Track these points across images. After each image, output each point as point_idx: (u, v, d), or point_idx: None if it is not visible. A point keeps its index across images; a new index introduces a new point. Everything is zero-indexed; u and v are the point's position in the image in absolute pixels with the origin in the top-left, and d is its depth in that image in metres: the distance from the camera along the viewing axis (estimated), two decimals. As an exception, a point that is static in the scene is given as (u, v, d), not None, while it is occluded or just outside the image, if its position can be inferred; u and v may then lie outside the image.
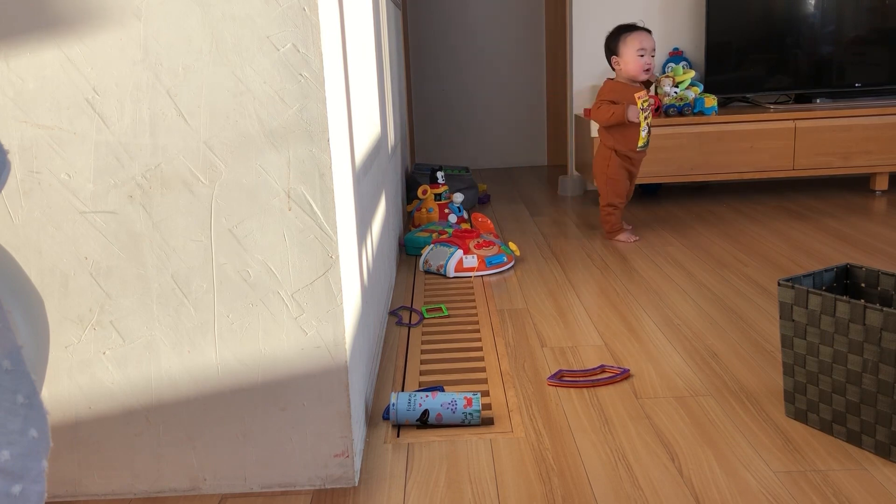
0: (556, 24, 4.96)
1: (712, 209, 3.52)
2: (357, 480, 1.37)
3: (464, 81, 5.21)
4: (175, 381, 1.31)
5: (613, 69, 2.97)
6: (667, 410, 1.59)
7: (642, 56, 2.86)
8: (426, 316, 2.23)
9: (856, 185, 3.89)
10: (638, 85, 2.92)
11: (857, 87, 3.80)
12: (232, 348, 1.29)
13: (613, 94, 2.92)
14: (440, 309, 2.29)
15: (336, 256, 1.27)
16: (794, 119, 3.54)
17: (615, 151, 2.96)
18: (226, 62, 1.20)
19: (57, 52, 1.19)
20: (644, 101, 2.87)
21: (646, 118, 2.90)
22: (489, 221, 3.04)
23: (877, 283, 1.53)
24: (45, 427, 0.59)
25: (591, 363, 1.84)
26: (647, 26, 2.96)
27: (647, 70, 2.88)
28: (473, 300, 2.36)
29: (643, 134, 2.92)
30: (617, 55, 2.91)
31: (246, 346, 1.30)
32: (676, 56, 3.94)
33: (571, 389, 1.70)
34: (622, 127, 2.92)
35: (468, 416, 1.53)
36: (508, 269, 2.68)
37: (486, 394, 1.70)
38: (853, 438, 1.41)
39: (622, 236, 2.99)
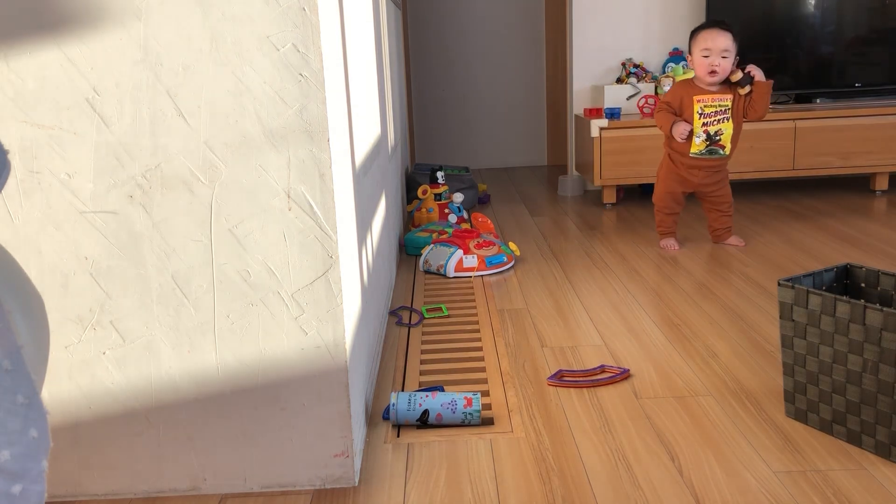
0: (556, 25, 4.96)
1: (712, 209, 3.51)
2: (357, 480, 1.37)
3: (464, 81, 5.21)
4: (175, 382, 1.31)
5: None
6: (667, 410, 1.59)
7: (706, 57, 2.65)
8: (426, 316, 2.23)
9: (856, 185, 3.89)
10: (711, 87, 2.73)
11: (857, 87, 3.80)
12: (232, 348, 1.29)
13: (671, 96, 2.80)
14: (440, 309, 2.29)
15: (336, 256, 1.27)
16: (794, 119, 3.54)
17: (670, 155, 2.85)
18: (226, 62, 1.20)
19: (57, 52, 1.19)
20: (707, 107, 2.71)
21: (708, 123, 2.72)
22: (489, 221, 3.04)
23: (877, 283, 1.53)
24: (45, 427, 0.59)
25: (591, 363, 1.84)
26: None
27: (713, 73, 2.66)
28: (473, 300, 2.36)
29: (697, 141, 2.75)
30: (690, 54, 2.75)
31: (246, 347, 1.29)
32: (676, 56, 3.94)
33: (571, 389, 1.70)
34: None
35: (468, 416, 1.53)
36: (508, 269, 2.68)
37: (486, 394, 1.70)
38: (853, 438, 1.41)
39: (662, 241, 2.90)
